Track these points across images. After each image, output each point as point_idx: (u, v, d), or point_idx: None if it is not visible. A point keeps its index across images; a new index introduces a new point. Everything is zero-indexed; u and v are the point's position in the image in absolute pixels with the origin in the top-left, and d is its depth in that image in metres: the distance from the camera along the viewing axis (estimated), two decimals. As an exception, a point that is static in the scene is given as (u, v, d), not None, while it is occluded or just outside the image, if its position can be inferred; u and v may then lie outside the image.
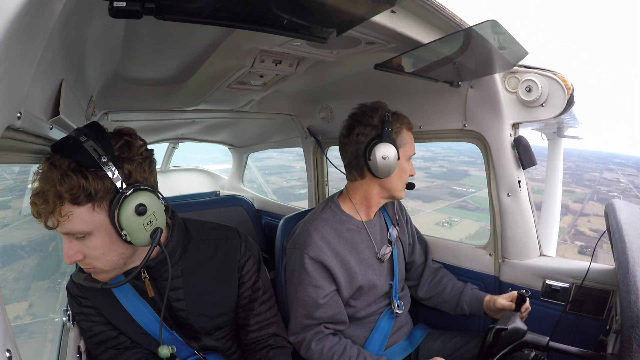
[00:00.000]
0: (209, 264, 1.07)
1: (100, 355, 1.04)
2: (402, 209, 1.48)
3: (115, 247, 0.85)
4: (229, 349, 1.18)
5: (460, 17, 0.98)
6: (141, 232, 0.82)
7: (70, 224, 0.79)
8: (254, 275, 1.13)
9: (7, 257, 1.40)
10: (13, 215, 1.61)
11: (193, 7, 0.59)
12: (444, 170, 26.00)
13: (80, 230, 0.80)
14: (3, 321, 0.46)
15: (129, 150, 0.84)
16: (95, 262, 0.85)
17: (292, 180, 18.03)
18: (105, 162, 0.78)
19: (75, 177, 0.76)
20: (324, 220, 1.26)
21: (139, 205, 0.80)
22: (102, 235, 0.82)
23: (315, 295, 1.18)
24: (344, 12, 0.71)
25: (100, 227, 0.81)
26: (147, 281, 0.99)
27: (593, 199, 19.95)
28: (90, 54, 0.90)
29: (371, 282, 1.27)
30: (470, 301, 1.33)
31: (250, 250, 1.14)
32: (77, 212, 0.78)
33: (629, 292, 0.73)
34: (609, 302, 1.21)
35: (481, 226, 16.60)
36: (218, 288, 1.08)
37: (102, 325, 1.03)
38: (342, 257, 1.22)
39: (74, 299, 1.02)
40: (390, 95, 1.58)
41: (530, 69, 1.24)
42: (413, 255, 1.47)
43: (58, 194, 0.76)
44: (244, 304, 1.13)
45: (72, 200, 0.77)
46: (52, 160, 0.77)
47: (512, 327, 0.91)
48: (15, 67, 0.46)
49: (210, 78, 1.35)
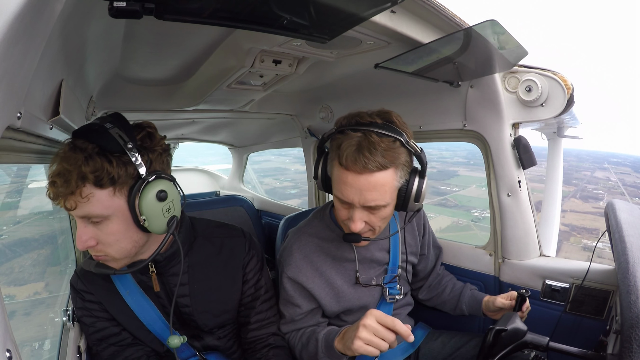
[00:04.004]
0: (214, 261, 1.08)
1: (102, 352, 1.03)
2: (421, 217, 1.34)
3: (130, 234, 0.86)
4: (230, 348, 1.18)
5: (460, 17, 0.98)
6: (159, 218, 0.84)
7: (89, 207, 0.79)
8: (257, 274, 1.14)
9: (24, 248, 1.55)
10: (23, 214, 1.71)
11: (193, 7, 0.60)
12: (434, 171, 26.70)
13: (98, 214, 0.80)
14: (3, 321, 0.46)
15: (150, 141, 0.87)
16: (108, 248, 0.85)
17: (285, 181, 19.13)
18: (130, 149, 0.80)
19: (99, 160, 0.77)
20: (311, 236, 1.20)
21: (160, 191, 0.82)
22: (119, 221, 0.83)
23: (292, 312, 1.17)
24: (344, 12, 0.71)
25: (118, 212, 0.82)
26: (153, 275, 0.99)
27: (575, 196, 20.50)
28: (90, 54, 0.90)
29: (361, 303, 1.20)
30: (469, 302, 1.32)
31: (254, 249, 1.15)
32: (98, 195, 0.79)
33: (629, 292, 0.73)
34: (609, 302, 1.21)
35: (453, 221, 17.58)
36: (222, 285, 1.09)
37: (105, 321, 1.02)
38: (327, 277, 1.17)
39: (78, 293, 1.01)
40: (390, 95, 1.58)
41: (530, 68, 1.24)
42: (424, 264, 1.41)
43: (82, 175, 0.76)
44: (246, 302, 1.13)
45: (95, 182, 0.78)
46: (75, 144, 0.79)
47: (512, 328, 0.91)
48: (15, 67, 0.46)
49: (210, 78, 1.35)
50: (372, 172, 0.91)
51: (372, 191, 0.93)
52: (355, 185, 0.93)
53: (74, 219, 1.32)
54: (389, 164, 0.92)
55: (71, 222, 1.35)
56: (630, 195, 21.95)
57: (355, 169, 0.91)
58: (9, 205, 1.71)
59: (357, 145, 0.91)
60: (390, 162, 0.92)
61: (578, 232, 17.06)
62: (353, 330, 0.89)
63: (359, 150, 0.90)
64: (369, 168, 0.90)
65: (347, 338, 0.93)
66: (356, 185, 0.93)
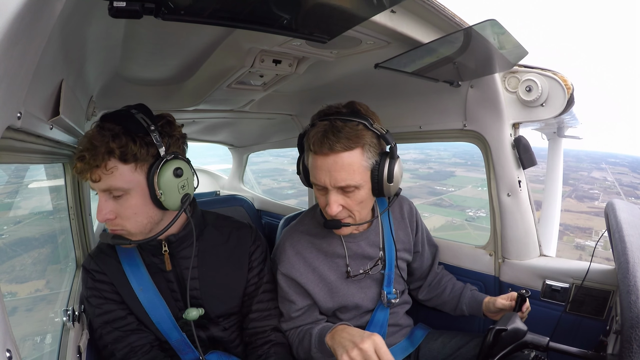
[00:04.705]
0: (222, 248, 1.15)
1: (105, 335, 1.05)
2: (413, 213, 1.36)
3: (147, 209, 0.94)
4: (234, 341, 1.20)
5: (460, 16, 0.98)
6: (174, 194, 0.93)
7: (112, 179, 0.88)
8: (261, 263, 1.20)
9: (25, 246, 1.60)
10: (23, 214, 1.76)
11: (193, 7, 0.60)
12: (431, 171, 27.05)
13: (120, 187, 0.89)
14: (3, 321, 0.46)
15: (170, 128, 0.98)
16: (125, 222, 0.93)
17: (282, 182, 19.76)
18: (152, 131, 0.91)
19: (125, 139, 0.88)
20: (302, 233, 1.22)
21: (177, 168, 0.92)
22: (138, 195, 0.92)
23: (288, 309, 1.19)
24: (344, 11, 0.71)
25: (138, 187, 0.91)
26: (166, 255, 1.05)
27: (571, 196, 20.66)
28: (90, 54, 0.90)
29: (355, 300, 1.21)
30: (469, 302, 1.32)
31: (259, 241, 1.22)
32: (121, 169, 0.89)
33: (629, 292, 0.73)
34: (609, 303, 1.21)
35: (447, 220, 17.90)
36: (230, 271, 1.14)
37: (112, 304, 1.05)
38: (320, 272, 1.19)
39: (89, 273, 1.06)
40: (390, 95, 1.58)
41: (530, 68, 1.24)
42: (419, 262, 1.41)
43: (109, 149, 0.86)
44: (250, 292, 1.18)
45: (120, 156, 0.88)
46: (103, 125, 0.89)
47: (512, 328, 0.91)
48: (15, 67, 0.46)
49: (210, 78, 1.35)
50: (338, 153, 0.98)
51: (340, 171, 0.99)
52: (324, 167, 1.00)
53: (75, 218, 1.33)
54: (353, 145, 0.98)
55: (71, 222, 1.35)
56: (625, 195, 22.09)
57: (322, 151, 0.99)
58: (9, 206, 1.72)
59: (323, 131, 0.99)
60: (355, 142, 0.98)
61: (571, 231, 17.15)
62: (347, 340, 0.91)
63: (324, 135, 0.98)
64: (335, 149, 0.97)
65: (337, 340, 0.94)
66: (325, 167, 1.00)
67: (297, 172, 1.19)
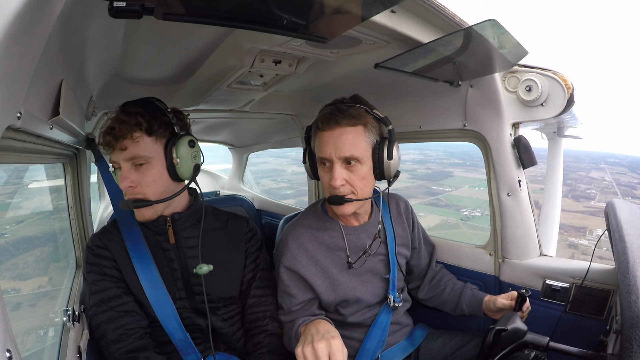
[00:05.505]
0: (222, 232, 1.24)
1: (99, 314, 1.06)
2: (409, 211, 1.41)
3: (164, 179, 1.08)
4: (235, 334, 1.21)
5: (460, 16, 0.98)
6: (188, 162, 1.08)
7: (137, 148, 1.02)
8: (257, 251, 1.28)
9: (27, 245, 1.65)
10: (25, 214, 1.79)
11: (193, 7, 0.60)
12: (429, 172, 27.17)
13: (143, 155, 1.03)
14: (3, 321, 0.46)
15: (181, 115, 1.14)
16: (145, 189, 1.05)
17: (281, 182, 20.18)
18: (169, 112, 1.08)
19: (148, 116, 1.04)
20: (305, 227, 1.25)
21: (190, 141, 1.09)
22: (157, 165, 1.05)
23: (288, 303, 1.20)
24: (344, 11, 0.71)
25: (158, 157, 1.05)
26: (170, 229, 1.13)
27: (567, 196, 20.70)
28: (90, 54, 0.90)
29: (357, 294, 1.23)
30: (469, 302, 1.32)
31: (254, 231, 1.31)
32: (146, 139, 1.03)
33: (629, 292, 0.73)
34: (609, 302, 1.21)
35: (442, 219, 18.09)
36: (229, 253, 1.22)
37: (108, 282, 1.09)
38: (322, 265, 1.21)
39: (91, 249, 1.11)
40: (390, 94, 1.58)
41: (530, 68, 1.24)
42: (417, 259, 1.43)
43: (137, 122, 1.02)
44: (248, 279, 1.24)
45: (146, 128, 1.02)
46: (126, 108, 1.04)
47: (512, 328, 0.91)
48: (15, 67, 0.46)
49: (210, 78, 1.35)
50: (343, 127, 1.08)
51: (345, 142, 1.08)
52: (330, 140, 1.09)
53: (75, 218, 1.33)
54: (357, 121, 1.09)
55: (71, 222, 1.36)
56: (622, 195, 22.06)
57: (328, 126, 1.10)
58: (10, 206, 1.72)
59: (329, 112, 1.11)
60: (358, 120, 1.09)
61: (565, 230, 17.12)
62: (310, 334, 0.94)
63: (331, 113, 1.10)
64: (340, 123, 1.08)
65: (305, 332, 1.00)
66: (331, 139, 1.09)
67: (303, 161, 1.26)
